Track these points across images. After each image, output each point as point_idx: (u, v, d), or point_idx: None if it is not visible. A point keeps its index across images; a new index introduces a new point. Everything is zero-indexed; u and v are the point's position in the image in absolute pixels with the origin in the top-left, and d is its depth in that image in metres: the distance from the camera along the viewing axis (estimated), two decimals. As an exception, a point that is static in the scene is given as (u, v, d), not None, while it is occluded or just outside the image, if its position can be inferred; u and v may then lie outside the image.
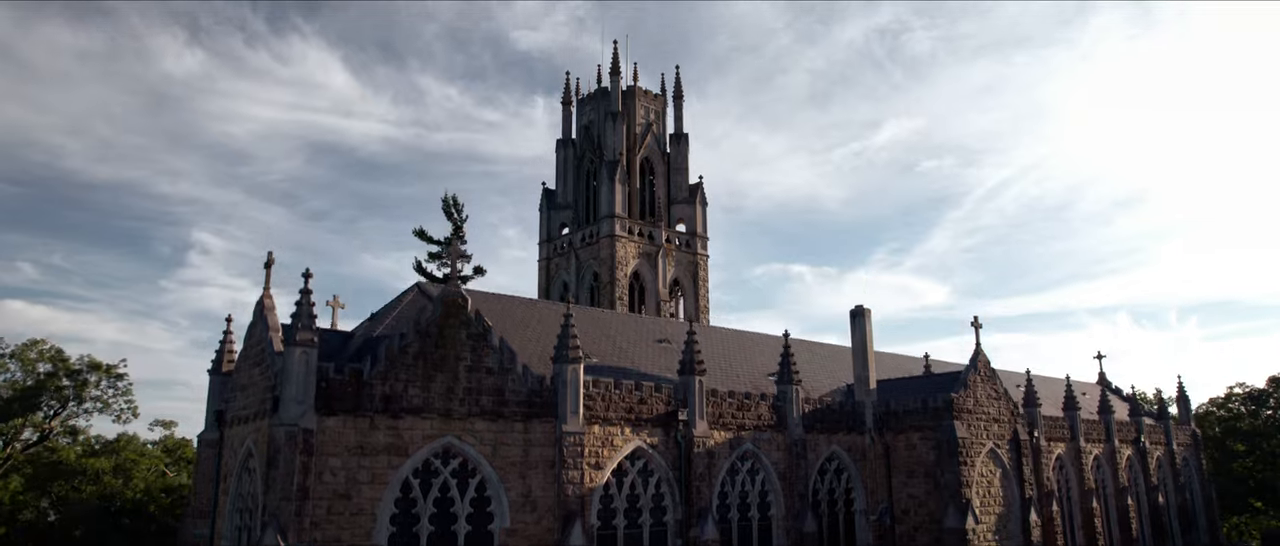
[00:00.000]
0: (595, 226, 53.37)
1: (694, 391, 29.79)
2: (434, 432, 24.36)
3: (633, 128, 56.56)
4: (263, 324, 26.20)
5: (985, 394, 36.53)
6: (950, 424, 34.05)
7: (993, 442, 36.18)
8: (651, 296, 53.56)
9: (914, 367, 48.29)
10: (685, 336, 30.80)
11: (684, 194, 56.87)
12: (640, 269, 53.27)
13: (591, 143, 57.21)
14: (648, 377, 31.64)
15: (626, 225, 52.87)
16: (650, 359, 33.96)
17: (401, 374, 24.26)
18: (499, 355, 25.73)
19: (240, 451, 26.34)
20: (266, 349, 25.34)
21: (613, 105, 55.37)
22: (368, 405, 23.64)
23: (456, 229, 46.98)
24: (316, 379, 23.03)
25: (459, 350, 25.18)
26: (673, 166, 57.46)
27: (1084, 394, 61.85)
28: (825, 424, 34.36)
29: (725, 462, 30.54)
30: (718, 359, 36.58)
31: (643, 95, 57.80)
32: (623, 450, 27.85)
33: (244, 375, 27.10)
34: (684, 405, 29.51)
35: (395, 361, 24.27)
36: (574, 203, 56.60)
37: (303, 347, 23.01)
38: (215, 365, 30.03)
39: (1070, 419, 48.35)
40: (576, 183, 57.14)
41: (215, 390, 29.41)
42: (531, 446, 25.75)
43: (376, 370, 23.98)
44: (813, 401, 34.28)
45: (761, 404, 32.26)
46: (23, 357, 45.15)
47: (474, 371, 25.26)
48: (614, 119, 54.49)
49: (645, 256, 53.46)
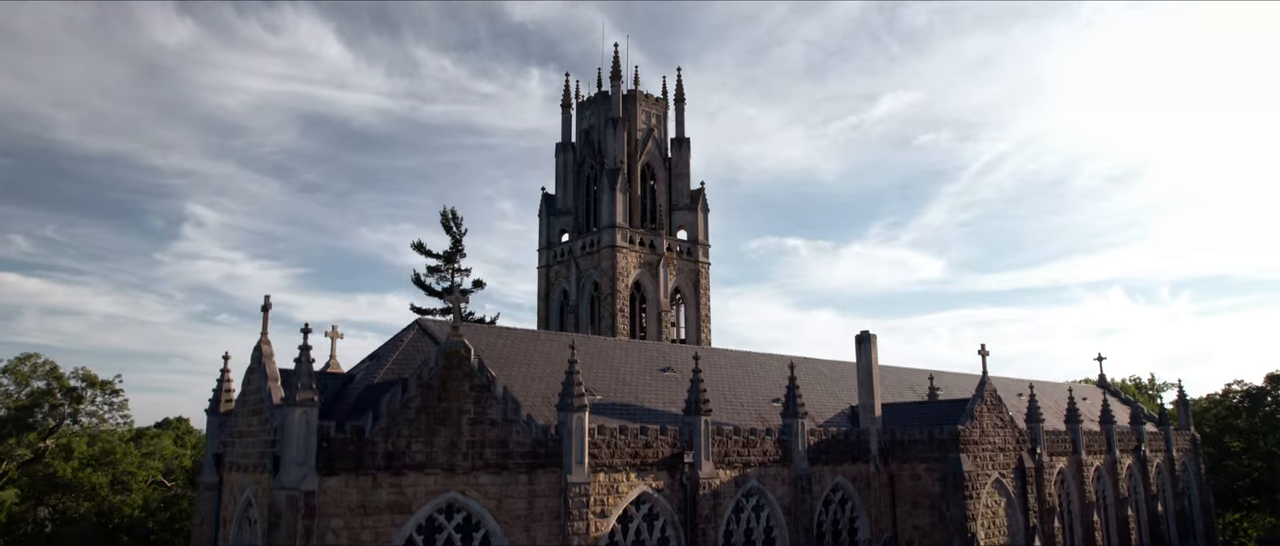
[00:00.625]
0: (596, 236, 52.71)
1: (700, 432, 29.41)
2: (437, 488, 23.95)
3: (634, 133, 55.70)
4: (261, 372, 25.69)
5: (991, 423, 36.23)
6: (956, 457, 33.77)
7: (998, 473, 35.95)
8: (652, 306, 53.08)
9: (918, 381, 48.03)
10: (690, 366, 30.36)
11: (685, 200, 56.16)
12: (641, 278, 52.72)
13: (592, 148, 56.36)
14: (653, 415, 31.24)
15: (628, 235, 52.21)
16: (655, 391, 33.53)
17: (404, 430, 23.79)
18: (502, 405, 25.24)
19: (240, 499, 25.94)
20: (265, 399, 24.86)
21: (614, 111, 54.46)
22: (370, 463, 23.20)
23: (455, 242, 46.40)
24: (318, 439, 22.56)
25: (462, 402, 24.69)
26: (674, 172, 56.70)
27: (1085, 399, 61.71)
28: (830, 455, 34.06)
29: (730, 502, 30.24)
30: (721, 385, 36.18)
31: (644, 99, 56.87)
32: (628, 496, 27.50)
33: (242, 421, 26.62)
34: (690, 447, 29.13)
35: (397, 417, 23.78)
36: (574, 208, 55.88)
37: (303, 408, 22.51)
38: (213, 404, 29.54)
39: (1072, 432, 48.22)
40: (576, 188, 56.38)
41: (213, 431, 28.93)
42: (536, 498, 25.37)
43: (378, 426, 23.51)
44: (818, 432, 33.94)
45: (767, 439, 31.91)
46: (16, 372, 44.57)
47: (477, 424, 24.79)
48: (615, 125, 53.62)
49: (646, 266, 52.88)
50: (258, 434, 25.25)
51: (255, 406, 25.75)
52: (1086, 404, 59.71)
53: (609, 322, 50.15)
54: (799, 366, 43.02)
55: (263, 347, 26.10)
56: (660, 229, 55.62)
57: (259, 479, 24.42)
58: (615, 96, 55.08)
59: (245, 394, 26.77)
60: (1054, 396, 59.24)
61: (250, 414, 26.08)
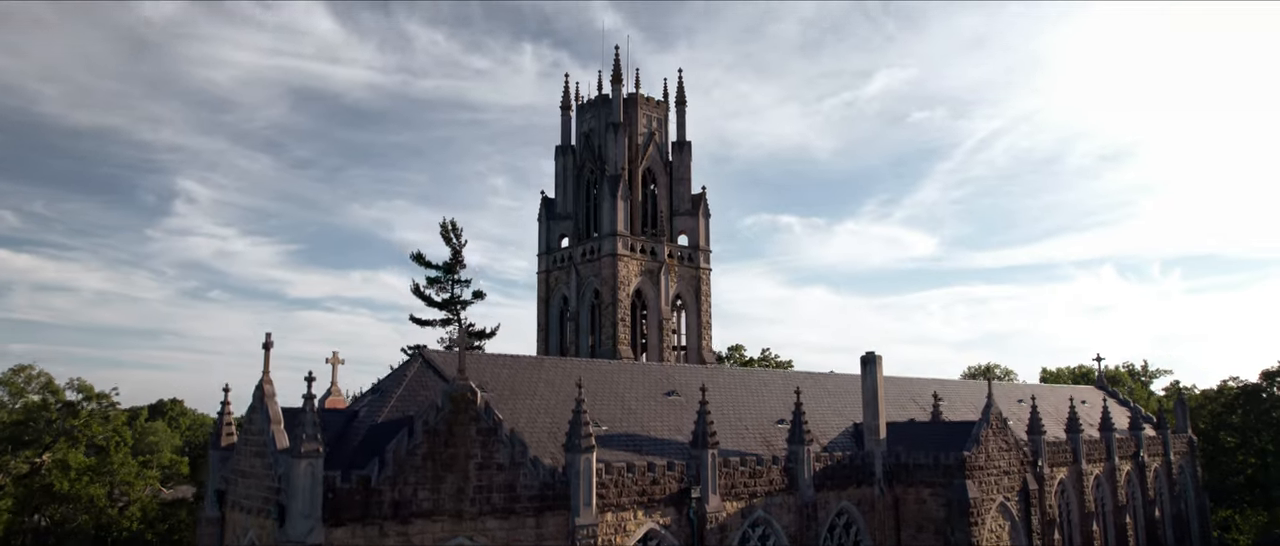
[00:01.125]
0: (597, 243, 52.19)
1: (706, 465, 29.19)
2: (444, 535, 23.70)
3: (634, 138, 54.99)
4: (263, 413, 25.28)
5: (996, 447, 36.14)
6: (962, 483, 33.68)
7: (1002, 497, 35.91)
8: (654, 313, 52.72)
9: (920, 392, 47.90)
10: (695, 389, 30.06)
11: (686, 205, 55.62)
12: (643, 286, 52.30)
13: (592, 152, 55.65)
14: (659, 446, 31.01)
15: (629, 243, 51.69)
16: (660, 417, 33.27)
17: (410, 477, 23.49)
18: (510, 449, 24.93)
19: (243, 540, 25.70)
20: (268, 444, 24.49)
21: (614, 115, 53.70)
22: (376, 512, 22.92)
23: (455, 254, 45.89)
24: (324, 489, 22.26)
25: (469, 446, 24.38)
26: (675, 176, 56.09)
27: (1084, 402, 61.89)
28: (835, 480, 33.94)
29: (737, 533, 30.11)
30: (725, 408, 35.93)
31: (645, 103, 56.10)
32: (635, 534, 27.33)
33: (245, 461, 26.27)
34: (696, 481, 28.92)
35: (403, 464, 23.47)
36: (574, 213, 55.28)
37: (308, 459, 22.19)
38: (214, 438, 29.21)
39: (1073, 442, 48.31)
40: (576, 192, 55.75)
41: (215, 465, 28.58)
42: (544, 540, 25.13)
43: (385, 474, 23.21)
44: (823, 458, 33.78)
45: (773, 468, 31.74)
46: (11, 384, 44.03)
47: (485, 468, 24.49)
48: (616, 130, 52.90)
49: (648, 273, 52.45)
50: (261, 476, 24.93)
51: (258, 447, 25.39)
52: (1085, 407, 59.88)
53: (610, 332, 49.81)
54: (801, 382, 42.78)
55: (264, 388, 25.67)
56: (661, 235, 55.14)
57: (263, 524, 24.13)
58: (616, 100, 54.32)
59: (247, 433, 26.39)
60: (1054, 400, 59.34)
61: (253, 454, 25.73)
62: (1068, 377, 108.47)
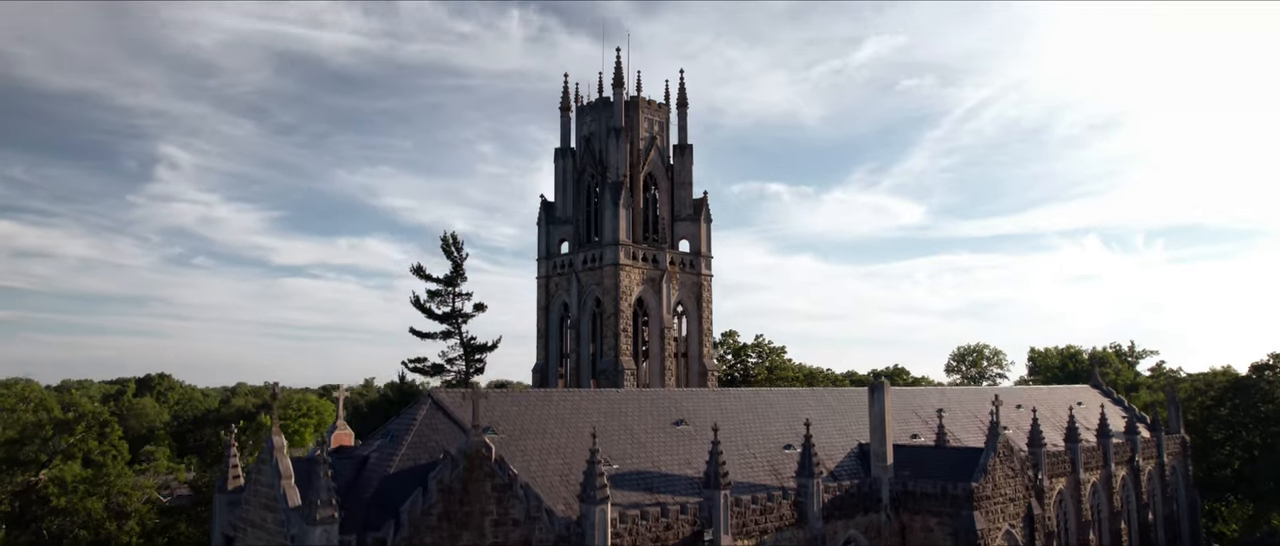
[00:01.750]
0: (598, 251, 51.59)
1: (719, 506, 29.07)
2: (460, 594, 23.46)
3: (636, 142, 54.15)
4: (273, 467, 24.84)
5: (1003, 475, 36.22)
6: (970, 515, 33.77)
7: (1008, 524, 36.09)
8: (655, 321, 52.38)
9: (924, 405, 47.89)
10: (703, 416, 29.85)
11: (688, 210, 55.01)
12: (644, 295, 51.88)
13: (592, 156, 54.79)
14: (670, 482, 30.85)
15: (631, 252, 51.14)
16: (669, 450, 33.05)
17: (426, 538, 23.20)
18: (525, 504, 24.67)
19: (253, 591, 25.41)
20: (279, 499, 24.12)
21: (615, 119, 52.79)
22: (392, 575, 22.63)
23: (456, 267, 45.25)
24: (339, 556, 21.95)
25: (484, 503, 24.10)
26: (677, 180, 55.39)
27: (1081, 403, 62.29)
28: (843, 509, 33.97)
29: (748, 571, 30.09)
30: (732, 434, 35.71)
31: (645, 106, 55.17)
32: (649, 581, 27.20)
33: (254, 512, 25.90)
34: (709, 523, 28.82)
35: (419, 524, 23.18)
36: (574, 218, 54.55)
37: (324, 526, 21.87)
38: (220, 482, 28.80)
39: (1072, 451, 48.73)
40: (577, 197, 54.97)
41: (221, 510, 28.21)
42: (559, 594, 24.97)
43: (401, 536, 22.93)
44: (831, 489, 33.75)
45: (783, 504, 31.70)
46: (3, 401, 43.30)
47: (500, 525, 24.23)
48: (617, 135, 52.01)
49: (649, 281, 52.01)
50: (271, 530, 24.58)
51: (268, 500, 25.01)
52: (1082, 409, 60.36)
53: (613, 343, 49.46)
54: (805, 400, 42.77)
55: (274, 440, 25.21)
56: (662, 241, 54.60)
57: (275, 581, 23.83)
58: (617, 104, 53.39)
59: (256, 483, 25.98)
60: (1052, 404, 59.75)
61: (262, 506, 25.36)
62: (1056, 357, 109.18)
